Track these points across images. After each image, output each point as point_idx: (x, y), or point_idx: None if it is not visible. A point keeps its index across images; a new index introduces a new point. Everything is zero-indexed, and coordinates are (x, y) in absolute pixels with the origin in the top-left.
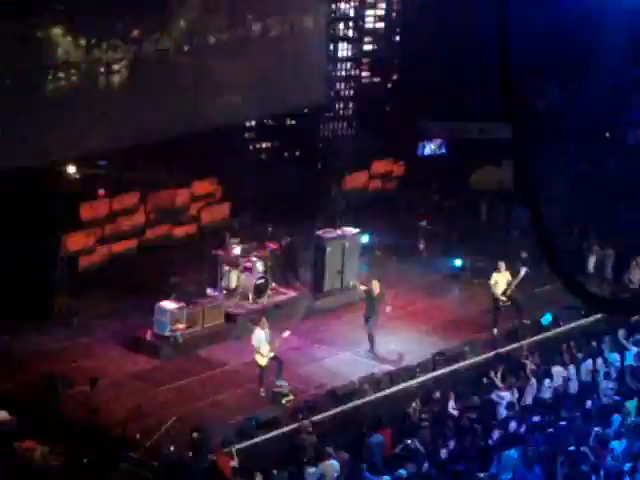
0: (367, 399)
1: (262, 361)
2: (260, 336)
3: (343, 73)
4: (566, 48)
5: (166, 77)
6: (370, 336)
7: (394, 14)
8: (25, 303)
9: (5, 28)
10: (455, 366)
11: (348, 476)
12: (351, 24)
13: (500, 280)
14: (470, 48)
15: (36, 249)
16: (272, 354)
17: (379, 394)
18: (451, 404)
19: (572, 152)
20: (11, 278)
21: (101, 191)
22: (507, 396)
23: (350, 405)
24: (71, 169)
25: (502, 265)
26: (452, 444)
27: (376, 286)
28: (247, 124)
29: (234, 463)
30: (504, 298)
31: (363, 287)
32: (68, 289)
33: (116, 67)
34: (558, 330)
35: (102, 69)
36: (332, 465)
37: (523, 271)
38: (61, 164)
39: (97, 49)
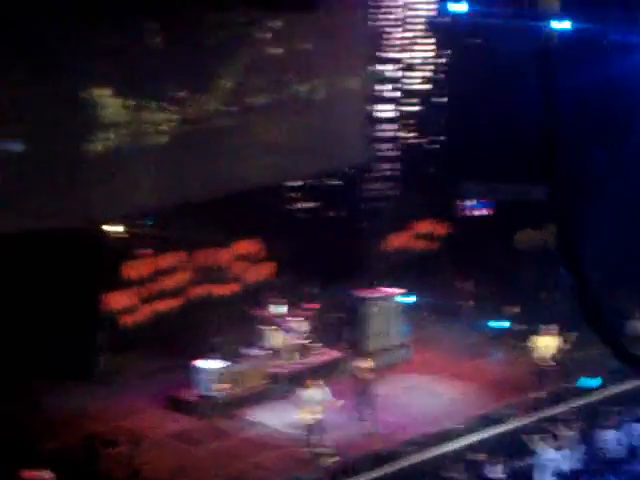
0: (410, 461)
1: (308, 420)
2: (310, 395)
3: (388, 134)
4: (611, 110)
5: (210, 137)
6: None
7: (441, 76)
8: (67, 362)
9: (53, 88)
10: (498, 429)
11: None
12: (397, 85)
13: (550, 344)
14: (514, 110)
15: (79, 308)
16: (319, 416)
17: (422, 456)
18: (494, 468)
19: (616, 214)
20: (54, 337)
21: (145, 250)
22: (555, 458)
23: (392, 468)
24: (115, 228)
25: (552, 328)
26: None
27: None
28: (290, 184)
29: None
30: (552, 362)
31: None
32: (110, 348)
33: (162, 128)
34: (603, 394)
35: (148, 129)
36: None
37: (573, 336)
38: (105, 223)
39: (144, 110)
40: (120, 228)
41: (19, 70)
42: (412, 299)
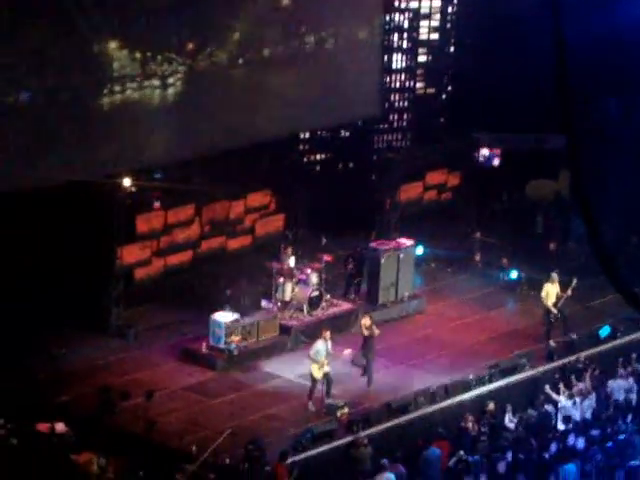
0: (422, 412)
1: (317, 373)
2: (320, 347)
3: (397, 84)
4: (624, 61)
5: (220, 90)
6: (370, 372)
7: (449, 25)
8: (81, 316)
9: (61, 43)
10: (511, 378)
11: None
12: (405, 35)
13: (551, 291)
14: (525, 58)
15: (92, 262)
16: (328, 368)
17: (434, 407)
18: (508, 417)
19: (630, 163)
20: (68, 291)
21: (156, 204)
22: (567, 405)
23: (405, 418)
24: (127, 182)
25: (554, 276)
26: (509, 457)
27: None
28: (301, 136)
29: (294, 475)
30: (555, 310)
31: (367, 323)
32: (124, 301)
33: (171, 80)
34: (616, 342)
35: (157, 82)
36: (388, 478)
37: (574, 282)
38: (117, 177)
39: (152, 62)
40: (132, 182)
41: (29, 24)
42: (424, 250)
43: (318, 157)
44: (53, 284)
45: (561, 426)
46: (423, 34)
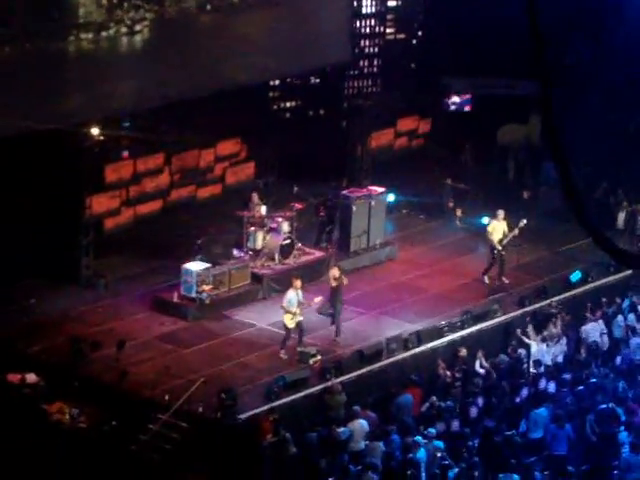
0: (394, 359)
1: (290, 323)
2: (291, 297)
3: (367, 30)
4: (596, 3)
5: (189, 37)
6: (338, 322)
7: None
8: (51, 266)
9: None
10: (482, 324)
11: (378, 436)
12: None
13: (497, 228)
14: (495, 1)
15: (61, 211)
16: (300, 317)
17: (406, 354)
18: (478, 362)
19: (600, 106)
20: (37, 241)
21: (125, 153)
22: (538, 349)
23: (377, 365)
24: (95, 131)
25: (500, 213)
26: (481, 402)
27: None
28: (271, 83)
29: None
30: (500, 247)
31: (336, 274)
32: (94, 251)
33: (138, 27)
34: (587, 286)
35: (125, 29)
36: (361, 424)
37: (523, 222)
38: (84, 126)
39: (119, 9)
40: (101, 131)
41: None
42: (396, 197)
43: (288, 104)
44: (22, 234)
45: (532, 370)
46: None
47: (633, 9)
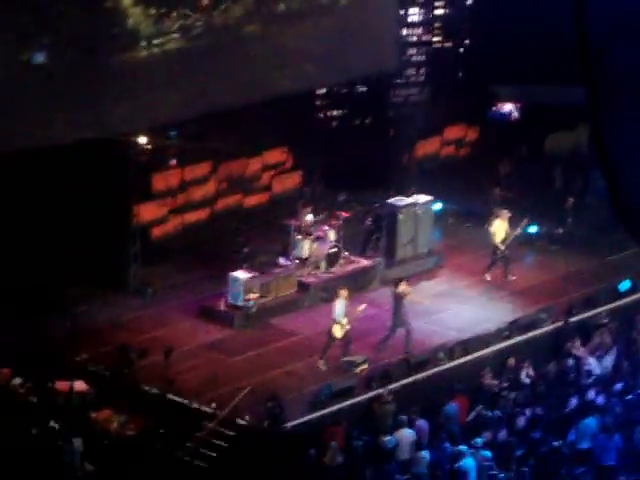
0: (441, 368)
1: (339, 332)
2: (341, 306)
3: (414, 38)
4: None
5: (236, 46)
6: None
7: None
8: (99, 274)
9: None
10: (530, 334)
11: (427, 445)
12: None
13: (500, 228)
14: (543, 9)
15: (109, 220)
16: (348, 326)
17: (453, 363)
18: (525, 372)
19: None
20: (85, 249)
21: (173, 161)
22: (591, 361)
23: (424, 374)
24: (142, 140)
25: (504, 212)
26: (529, 412)
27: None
28: (318, 92)
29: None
30: (502, 247)
31: (404, 289)
32: (141, 259)
33: (186, 37)
34: (636, 296)
35: (173, 38)
36: (407, 434)
37: (524, 221)
38: (132, 135)
39: (167, 19)
40: (148, 140)
41: None
42: (442, 206)
43: (335, 113)
44: (71, 242)
45: (582, 381)
46: None
47: None
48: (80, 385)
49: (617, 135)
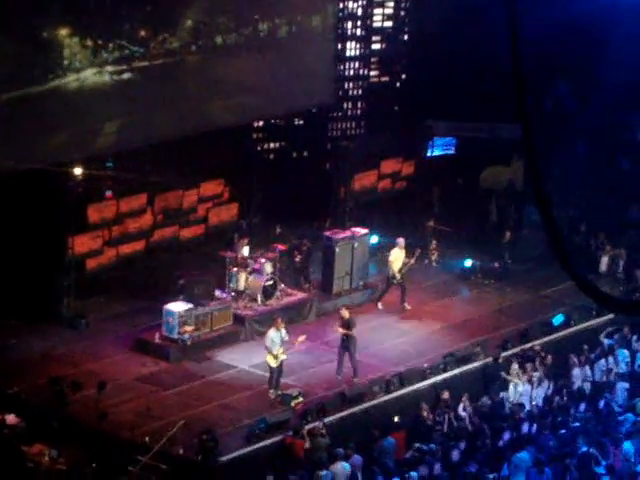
0: (377, 401)
1: (273, 363)
2: (274, 337)
3: (352, 72)
4: (575, 46)
5: (173, 78)
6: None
7: (402, 12)
8: (32, 305)
9: (11, 29)
10: (466, 367)
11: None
12: (359, 23)
13: (398, 257)
14: (479, 46)
15: (43, 251)
16: (284, 357)
17: (389, 396)
18: (462, 406)
19: (582, 151)
20: (18, 280)
21: (108, 192)
22: (524, 389)
23: (360, 407)
24: (78, 171)
25: (401, 241)
26: (463, 446)
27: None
28: (255, 124)
29: (306, 445)
30: (399, 276)
31: (346, 314)
32: (75, 291)
33: (123, 68)
34: (570, 330)
35: (109, 70)
36: (343, 467)
37: (418, 251)
38: (67, 165)
39: (104, 50)
40: (84, 170)
41: None
42: (378, 239)
43: (272, 145)
44: (4, 274)
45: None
46: (377, 22)
47: (615, 53)
48: (12, 418)
49: (551, 169)
